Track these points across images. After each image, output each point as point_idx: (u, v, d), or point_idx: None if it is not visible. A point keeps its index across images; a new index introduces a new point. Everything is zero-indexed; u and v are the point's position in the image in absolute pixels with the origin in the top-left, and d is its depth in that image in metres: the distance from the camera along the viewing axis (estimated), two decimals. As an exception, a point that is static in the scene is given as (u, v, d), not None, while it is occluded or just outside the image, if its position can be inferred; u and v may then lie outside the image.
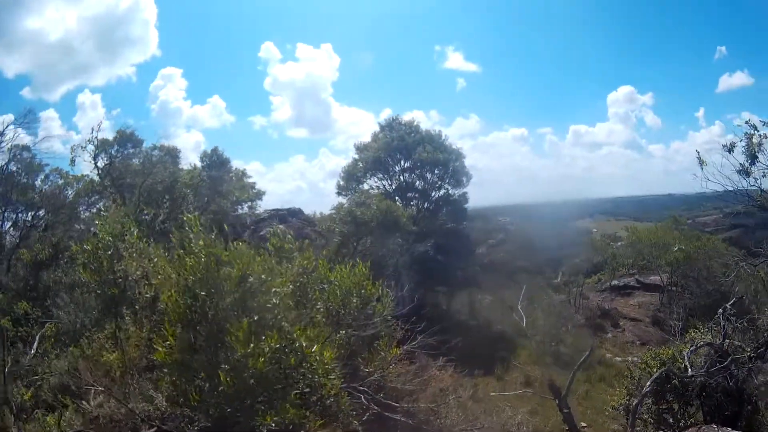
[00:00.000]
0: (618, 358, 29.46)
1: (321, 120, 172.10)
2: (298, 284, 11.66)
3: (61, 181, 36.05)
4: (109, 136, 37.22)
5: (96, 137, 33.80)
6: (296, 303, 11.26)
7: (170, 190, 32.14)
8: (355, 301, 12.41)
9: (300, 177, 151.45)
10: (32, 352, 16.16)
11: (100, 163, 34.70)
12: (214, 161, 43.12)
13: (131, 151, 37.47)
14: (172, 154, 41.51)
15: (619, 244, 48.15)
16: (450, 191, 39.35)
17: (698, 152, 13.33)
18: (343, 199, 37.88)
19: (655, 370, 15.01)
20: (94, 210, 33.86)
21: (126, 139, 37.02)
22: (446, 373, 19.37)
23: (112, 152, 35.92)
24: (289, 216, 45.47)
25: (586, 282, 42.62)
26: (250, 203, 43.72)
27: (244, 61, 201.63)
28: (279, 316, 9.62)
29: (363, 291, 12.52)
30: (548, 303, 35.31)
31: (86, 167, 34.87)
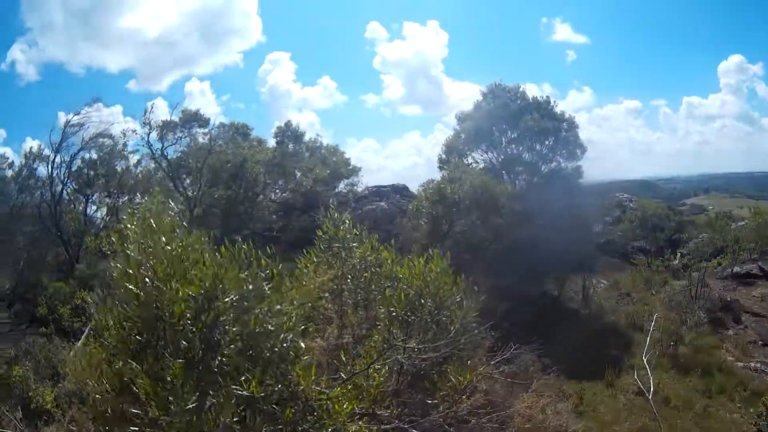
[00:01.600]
0: (740, 363, 26.31)
1: (433, 96, 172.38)
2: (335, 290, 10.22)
3: (153, 165, 35.87)
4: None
5: (150, 119, 32.88)
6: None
7: (239, 169, 30.58)
8: (429, 304, 10.21)
9: (416, 153, 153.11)
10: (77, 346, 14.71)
11: (157, 146, 33.80)
12: (288, 136, 41.35)
13: (198, 131, 36.21)
14: (242, 131, 40.06)
15: (740, 223, 44.25)
16: (562, 164, 35.80)
17: None
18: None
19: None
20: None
21: (191, 118, 35.67)
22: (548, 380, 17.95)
23: (175, 134, 34.93)
24: (393, 192, 43.45)
25: (707, 266, 39.13)
26: (347, 180, 41.93)
27: (350, 42, 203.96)
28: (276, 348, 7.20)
29: (439, 292, 10.27)
30: (668, 292, 32.49)
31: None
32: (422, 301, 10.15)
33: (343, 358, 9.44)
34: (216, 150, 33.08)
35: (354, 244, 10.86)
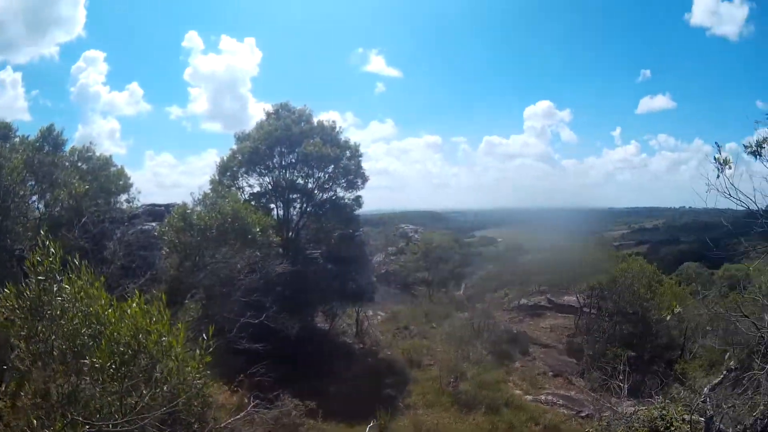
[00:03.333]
0: (529, 396, 25.64)
1: (237, 114, 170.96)
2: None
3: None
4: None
5: None
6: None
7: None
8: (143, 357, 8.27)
9: (210, 171, 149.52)
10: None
11: None
12: (50, 142, 37.01)
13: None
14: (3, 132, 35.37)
15: (529, 257, 45.08)
16: (339, 193, 33.36)
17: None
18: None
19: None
20: None
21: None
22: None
23: None
24: (167, 212, 39.80)
25: (492, 298, 39.19)
26: (124, 196, 38.00)
27: (167, 49, 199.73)
28: None
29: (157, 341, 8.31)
30: (450, 324, 31.96)
31: None
32: (136, 352, 8.32)
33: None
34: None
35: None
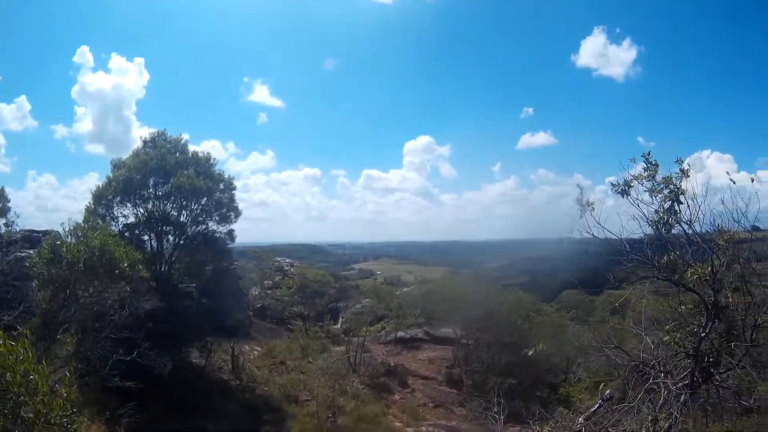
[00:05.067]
0: (410, 429, 25.94)
1: (119, 138, 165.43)
2: None
3: None
4: None
5: None
6: None
7: None
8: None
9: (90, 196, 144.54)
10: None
11: None
12: None
13: None
14: None
15: (405, 290, 45.45)
16: (210, 226, 32.72)
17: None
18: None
19: None
20: None
21: None
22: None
23: None
24: (44, 239, 37.89)
25: (369, 331, 39.03)
26: (5, 219, 35.73)
27: (59, 63, 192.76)
28: None
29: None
30: (326, 359, 30.94)
31: None
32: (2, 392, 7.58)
33: None
34: None
35: None
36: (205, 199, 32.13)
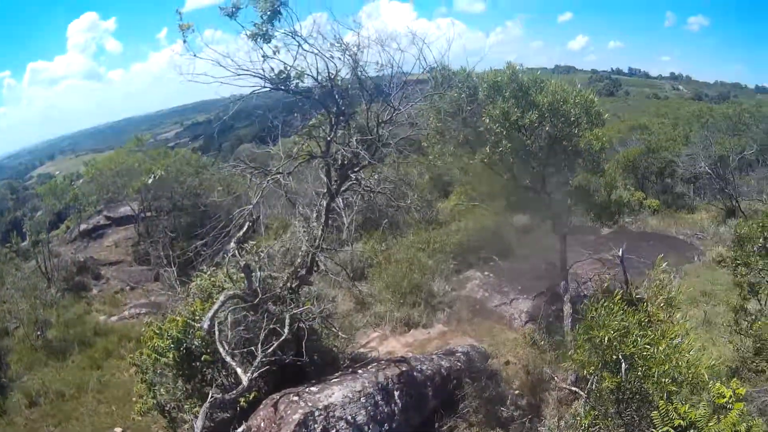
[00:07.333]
0: (114, 317, 26.14)
1: None
2: None
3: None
4: None
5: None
6: None
7: None
8: None
9: None
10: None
11: None
12: None
13: None
14: None
15: (81, 181, 44.60)
16: None
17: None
18: None
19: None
20: None
21: None
22: None
23: None
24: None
25: (54, 235, 38.76)
26: None
27: None
28: None
29: None
30: (18, 278, 28.84)
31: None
32: None
33: None
34: None
35: None
36: None
